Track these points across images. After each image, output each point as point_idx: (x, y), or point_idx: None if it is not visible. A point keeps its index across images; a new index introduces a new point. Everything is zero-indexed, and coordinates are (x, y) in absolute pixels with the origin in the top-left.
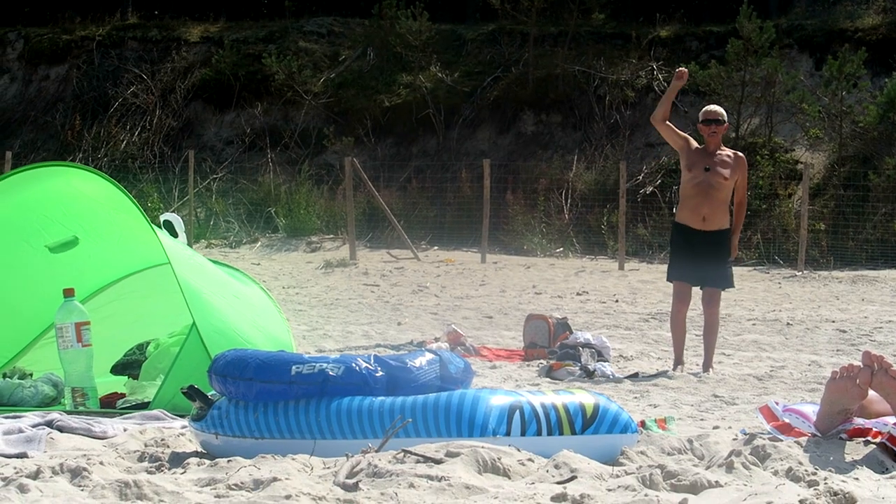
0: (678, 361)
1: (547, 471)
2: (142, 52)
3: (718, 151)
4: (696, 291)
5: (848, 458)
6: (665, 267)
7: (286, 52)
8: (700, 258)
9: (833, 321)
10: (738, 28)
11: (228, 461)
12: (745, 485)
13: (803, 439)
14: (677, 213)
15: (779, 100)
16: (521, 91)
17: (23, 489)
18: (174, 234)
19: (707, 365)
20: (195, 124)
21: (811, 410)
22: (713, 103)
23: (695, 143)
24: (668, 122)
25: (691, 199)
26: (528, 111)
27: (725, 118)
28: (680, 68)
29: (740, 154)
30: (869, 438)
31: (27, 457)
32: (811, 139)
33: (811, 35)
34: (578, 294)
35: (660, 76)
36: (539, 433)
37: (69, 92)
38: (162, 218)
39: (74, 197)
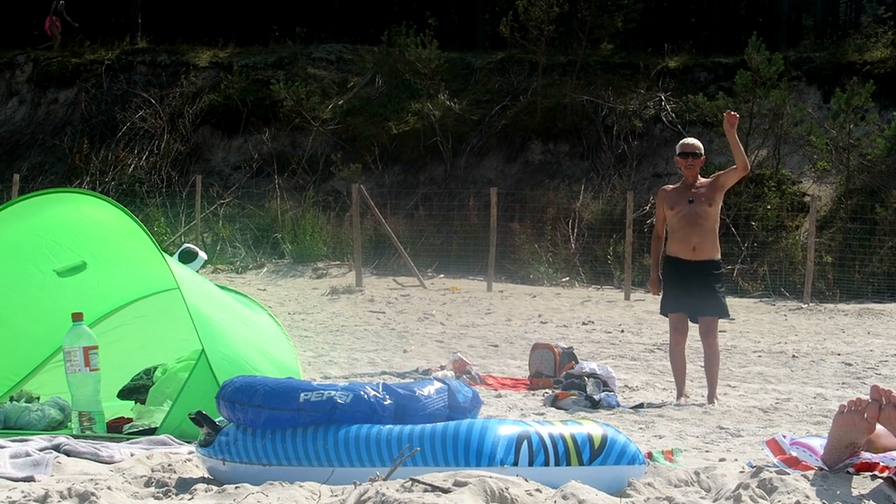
0: (680, 394)
1: (555, 501)
2: (151, 77)
3: (697, 184)
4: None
5: (855, 493)
6: None
7: (295, 78)
8: (692, 288)
9: (839, 354)
10: (747, 60)
11: (236, 488)
12: None
13: (810, 473)
14: (667, 246)
15: (787, 132)
16: (530, 120)
17: None
18: (191, 258)
19: (711, 396)
20: (203, 149)
21: (818, 444)
22: (704, 137)
23: (670, 186)
24: (656, 240)
25: (679, 230)
26: (536, 140)
27: (702, 151)
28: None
29: (715, 173)
30: (876, 473)
31: (34, 480)
32: (818, 171)
33: (819, 67)
34: (584, 324)
35: (668, 107)
36: (547, 463)
37: (77, 115)
38: (184, 246)
39: (84, 223)
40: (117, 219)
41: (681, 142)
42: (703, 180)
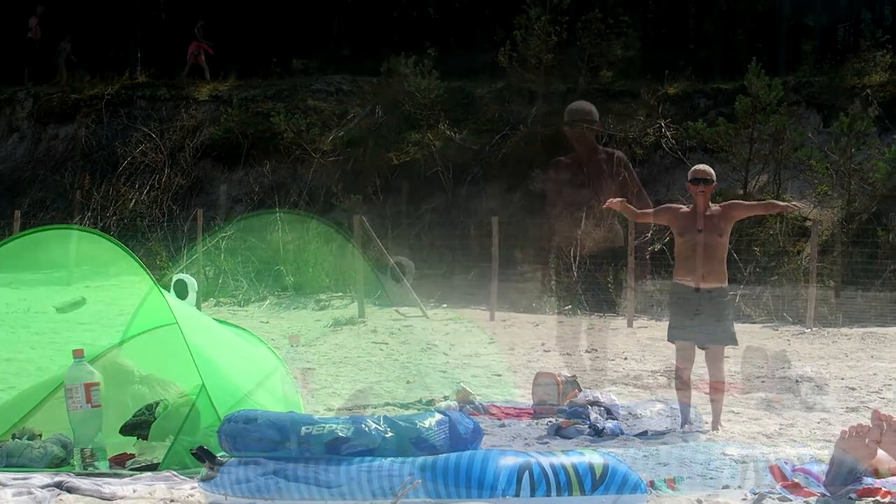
0: (685, 421)
1: None
2: (151, 111)
3: (708, 212)
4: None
5: None
6: None
7: (295, 111)
8: (700, 316)
9: (842, 378)
10: (747, 85)
11: None
12: None
13: (813, 499)
14: (675, 272)
15: (787, 157)
16: (530, 148)
17: None
18: (184, 293)
19: (716, 423)
20: (204, 182)
21: (820, 470)
22: (705, 162)
23: (682, 208)
24: (642, 212)
25: (688, 259)
26: (537, 169)
27: (714, 178)
28: None
29: (728, 201)
30: (878, 498)
31: None
32: (819, 196)
33: (819, 92)
34: (587, 351)
35: (668, 133)
36: (548, 494)
37: (78, 151)
38: (175, 277)
39: (83, 259)
40: (116, 256)
41: (693, 168)
42: (714, 207)
